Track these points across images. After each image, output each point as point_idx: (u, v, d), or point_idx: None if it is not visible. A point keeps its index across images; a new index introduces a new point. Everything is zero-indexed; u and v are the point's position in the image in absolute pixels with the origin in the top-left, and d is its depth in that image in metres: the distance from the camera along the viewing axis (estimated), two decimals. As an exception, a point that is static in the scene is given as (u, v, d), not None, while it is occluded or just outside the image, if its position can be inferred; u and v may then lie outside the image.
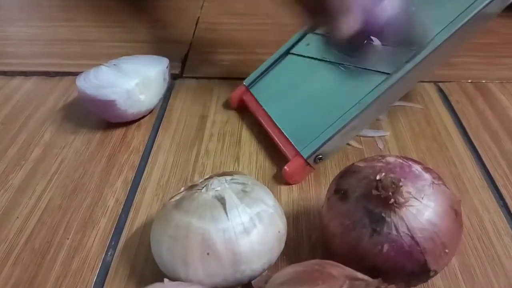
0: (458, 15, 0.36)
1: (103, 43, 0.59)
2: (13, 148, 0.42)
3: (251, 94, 0.45)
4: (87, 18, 0.65)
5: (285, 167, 0.38)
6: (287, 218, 0.32)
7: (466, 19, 0.35)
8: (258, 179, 0.39)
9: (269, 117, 0.42)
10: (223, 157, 0.41)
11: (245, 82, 0.46)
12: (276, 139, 0.40)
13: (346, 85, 0.40)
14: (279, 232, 0.29)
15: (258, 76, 0.46)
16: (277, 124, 0.41)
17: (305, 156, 0.37)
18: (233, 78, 0.51)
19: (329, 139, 0.37)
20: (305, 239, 0.34)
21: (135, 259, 0.32)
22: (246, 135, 0.44)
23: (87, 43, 0.59)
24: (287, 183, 0.38)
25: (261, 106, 0.43)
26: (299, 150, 0.38)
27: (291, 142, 0.39)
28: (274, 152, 0.41)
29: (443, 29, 0.36)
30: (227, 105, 0.48)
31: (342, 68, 0.41)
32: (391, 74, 0.37)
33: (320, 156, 0.38)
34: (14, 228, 0.35)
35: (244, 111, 0.46)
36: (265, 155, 0.41)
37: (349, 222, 0.28)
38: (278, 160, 0.40)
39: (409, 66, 0.36)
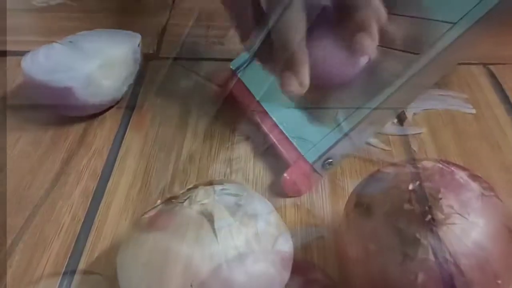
0: None
1: (56, 14, 0.59)
2: None
3: (241, 81, 0.45)
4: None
5: (285, 175, 0.38)
6: (294, 239, 0.31)
7: None
8: (256, 189, 0.39)
9: (264, 110, 0.42)
10: (210, 162, 0.41)
11: (232, 65, 0.46)
12: (274, 139, 0.40)
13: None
14: (283, 258, 0.29)
15: (250, 58, 0.45)
16: (274, 119, 0.41)
17: (310, 161, 0.38)
18: (223, 59, 0.51)
19: (341, 138, 0.37)
20: (317, 267, 0.34)
21: (97, 293, 0.32)
22: (240, 134, 0.44)
23: (35, 14, 0.59)
24: (289, 195, 0.38)
25: (254, 96, 0.43)
26: (302, 153, 0.38)
27: (292, 143, 0.39)
28: (276, 155, 0.41)
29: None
30: (216, 95, 0.48)
31: None
32: (419, 56, 0.36)
33: (330, 160, 0.38)
34: None
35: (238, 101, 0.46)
36: (264, 158, 0.42)
37: (374, 244, 0.28)
38: (281, 165, 0.40)
39: (441, 45, 0.35)
